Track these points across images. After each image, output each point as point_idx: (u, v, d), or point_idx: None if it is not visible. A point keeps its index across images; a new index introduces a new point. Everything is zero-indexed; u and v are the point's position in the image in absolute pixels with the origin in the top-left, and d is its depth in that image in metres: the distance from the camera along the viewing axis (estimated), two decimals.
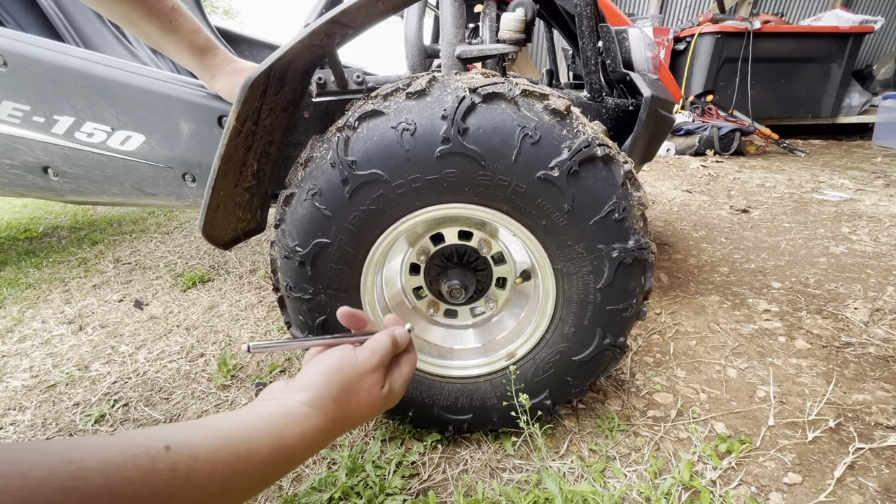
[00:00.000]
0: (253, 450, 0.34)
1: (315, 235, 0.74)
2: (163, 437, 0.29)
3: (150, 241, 2.16)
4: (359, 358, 0.48)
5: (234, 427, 0.35)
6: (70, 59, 0.92)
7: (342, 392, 0.44)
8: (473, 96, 0.67)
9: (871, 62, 5.80)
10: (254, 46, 1.92)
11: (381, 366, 0.49)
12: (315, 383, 0.44)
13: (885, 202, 2.62)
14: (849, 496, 0.81)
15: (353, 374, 0.46)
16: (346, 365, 0.46)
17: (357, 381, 0.46)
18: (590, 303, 0.77)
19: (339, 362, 0.46)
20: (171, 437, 0.30)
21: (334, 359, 0.47)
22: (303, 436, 0.39)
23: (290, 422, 0.39)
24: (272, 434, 0.37)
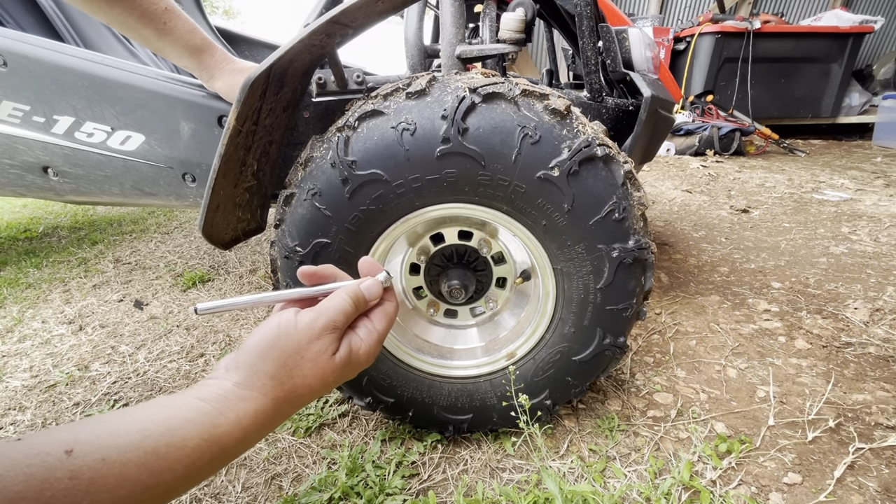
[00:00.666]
0: (175, 445, 0.31)
1: (315, 235, 0.74)
2: (66, 440, 0.27)
3: (150, 241, 2.16)
4: (299, 324, 0.41)
5: (154, 420, 0.32)
6: (70, 59, 0.92)
7: (281, 367, 0.38)
8: (473, 96, 0.67)
9: (871, 62, 5.80)
10: (254, 46, 1.92)
11: (329, 329, 0.42)
12: (249, 360, 0.39)
13: (885, 202, 2.62)
14: (849, 496, 0.81)
15: (292, 343, 0.40)
16: (283, 334, 0.40)
17: (298, 351, 0.39)
18: (590, 303, 0.77)
19: (276, 331, 0.40)
20: (77, 438, 0.27)
21: (270, 328, 0.40)
22: (238, 422, 0.35)
23: (222, 407, 0.35)
24: (201, 424, 0.33)
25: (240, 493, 0.84)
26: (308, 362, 0.40)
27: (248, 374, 0.38)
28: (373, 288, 0.48)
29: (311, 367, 0.40)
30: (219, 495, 0.84)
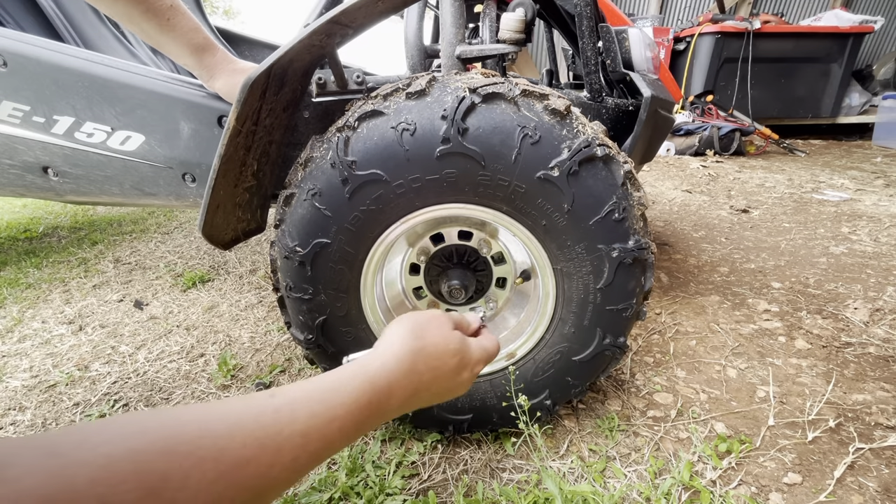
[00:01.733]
0: (343, 384, 0.39)
1: (315, 235, 0.74)
2: (269, 391, 0.35)
3: (150, 241, 2.16)
4: (421, 311, 0.54)
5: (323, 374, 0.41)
6: (70, 59, 0.92)
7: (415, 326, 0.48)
8: (473, 96, 0.67)
9: (871, 62, 5.80)
10: (254, 46, 1.91)
11: (449, 319, 0.53)
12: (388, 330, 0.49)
13: (885, 202, 2.62)
14: (849, 496, 0.81)
15: (423, 317, 0.51)
16: (414, 313, 0.52)
17: (428, 320, 0.50)
18: (590, 303, 0.77)
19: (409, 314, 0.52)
20: (274, 390, 0.36)
21: (405, 314, 0.52)
22: (384, 366, 0.42)
23: (372, 357, 0.44)
24: (358, 368, 0.41)
25: None
26: (434, 327, 0.50)
27: (389, 334, 0.48)
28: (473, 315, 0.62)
29: (437, 329, 0.50)
30: None
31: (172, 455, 0.26)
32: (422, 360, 0.45)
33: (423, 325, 0.49)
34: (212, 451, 0.28)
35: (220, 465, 0.28)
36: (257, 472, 0.30)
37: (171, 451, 0.26)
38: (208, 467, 0.27)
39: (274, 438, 0.32)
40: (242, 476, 0.29)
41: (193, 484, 0.26)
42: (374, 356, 0.44)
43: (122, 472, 0.23)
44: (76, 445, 0.23)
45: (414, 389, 0.44)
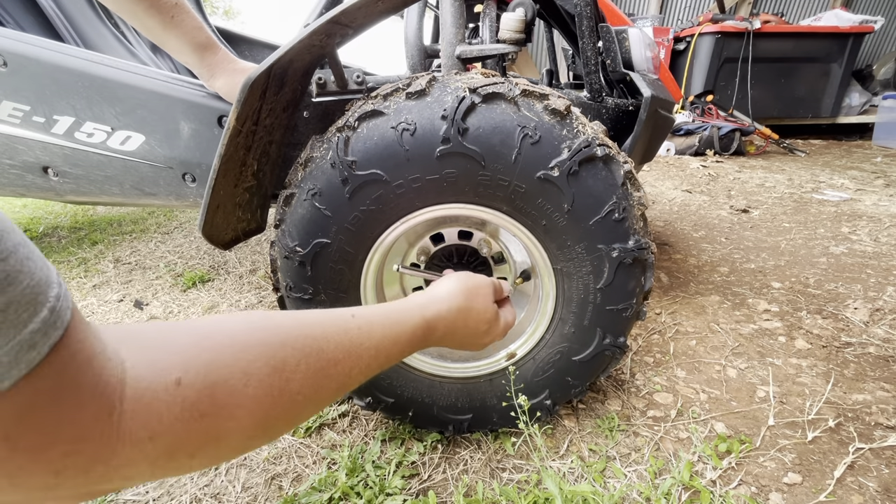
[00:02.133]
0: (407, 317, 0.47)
1: (315, 235, 0.74)
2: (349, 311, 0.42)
3: (150, 241, 2.16)
4: (475, 275, 0.61)
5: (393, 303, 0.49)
6: (70, 59, 0.92)
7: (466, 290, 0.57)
8: (473, 96, 0.67)
9: (871, 62, 5.79)
10: (254, 46, 1.91)
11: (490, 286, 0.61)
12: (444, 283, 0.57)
13: (885, 202, 2.62)
14: (849, 496, 0.81)
15: (472, 281, 0.59)
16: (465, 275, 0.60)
17: (476, 286, 0.58)
18: (590, 303, 0.77)
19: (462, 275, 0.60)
20: (353, 310, 0.43)
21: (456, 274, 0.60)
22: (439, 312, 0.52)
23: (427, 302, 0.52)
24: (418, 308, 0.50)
25: (240, 493, 0.84)
26: (480, 295, 0.58)
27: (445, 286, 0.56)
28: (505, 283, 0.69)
29: (481, 298, 0.58)
30: (219, 495, 0.84)
31: (287, 347, 0.33)
32: (463, 319, 0.55)
33: (474, 292, 0.57)
34: (314, 348, 0.35)
35: (320, 360, 0.35)
36: (343, 371, 0.37)
37: (287, 344, 0.33)
38: (312, 360, 0.35)
39: (356, 348, 0.39)
40: (334, 372, 0.36)
41: (303, 370, 0.34)
42: (432, 301, 0.53)
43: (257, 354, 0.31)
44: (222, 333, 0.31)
45: (450, 336, 0.54)
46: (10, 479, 0.21)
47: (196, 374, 0.27)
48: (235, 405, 0.29)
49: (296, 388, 0.33)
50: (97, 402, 0.23)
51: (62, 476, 0.22)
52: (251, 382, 0.30)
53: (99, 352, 0.24)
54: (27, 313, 0.20)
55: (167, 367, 0.27)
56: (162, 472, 0.27)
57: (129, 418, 0.24)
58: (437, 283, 0.58)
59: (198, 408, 0.27)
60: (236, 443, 0.30)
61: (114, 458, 0.24)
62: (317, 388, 0.35)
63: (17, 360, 0.20)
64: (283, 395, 0.32)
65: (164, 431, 0.25)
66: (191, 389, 0.27)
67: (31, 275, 0.21)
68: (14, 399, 0.20)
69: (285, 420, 0.33)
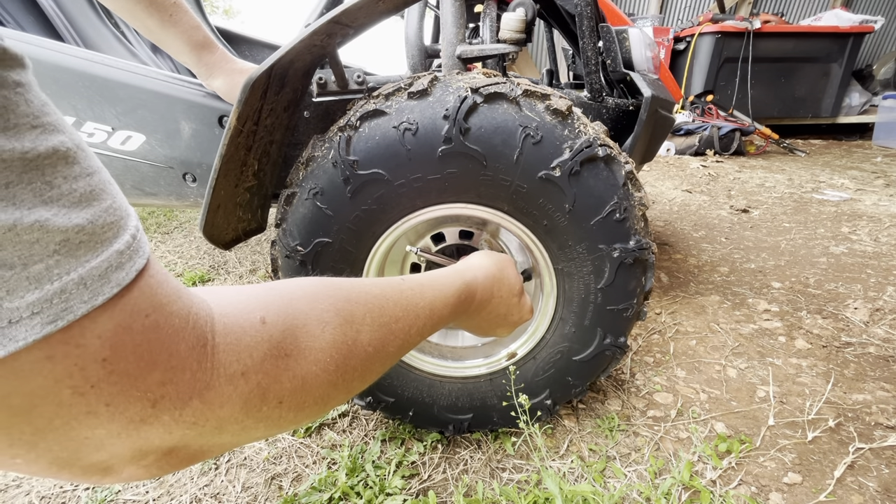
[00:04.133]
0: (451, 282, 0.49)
1: (316, 235, 0.74)
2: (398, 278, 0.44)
3: (151, 241, 2.16)
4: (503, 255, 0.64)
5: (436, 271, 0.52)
6: (70, 59, 0.92)
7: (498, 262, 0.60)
8: (475, 96, 0.67)
9: (871, 62, 5.80)
10: (254, 46, 1.91)
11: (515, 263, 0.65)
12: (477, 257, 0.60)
13: (885, 202, 2.62)
14: (849, 496, 0.81)
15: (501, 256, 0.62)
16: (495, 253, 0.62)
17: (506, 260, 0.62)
18: (590, 303, 0.78)
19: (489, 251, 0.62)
20: (402, 277, 0.45)
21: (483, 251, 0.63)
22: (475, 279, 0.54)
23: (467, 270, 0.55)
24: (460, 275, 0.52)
25: (240, 493, 0.84)
26: (509, 268, 0.61)
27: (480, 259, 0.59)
28: None
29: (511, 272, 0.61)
30: (219, 495, 0.84)
31: (353, 303, 0.35)
32: (498, 288, 0.57)
33: (503, 266, 0.60)
34: (376, 305, 0.37)
35: (383, 315, 0.37)
36: (403, 328, 0.39)
37: (351, 299, 0.35)
38: (376, 314, 0.36)
39: (413, 307, 0.41)
40: (396, 328, 0.38)
41: (369, 322, 0.35)
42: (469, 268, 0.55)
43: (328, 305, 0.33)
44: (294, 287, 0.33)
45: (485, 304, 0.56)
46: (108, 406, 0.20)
47: (277, 316, 0.28)
48: (318, 349, 0.30)
49: (366, 339, 0.34)
50: (191, 331, 0.23)
51: (159, 407, 0.22)
52: (327, 329, 0.31)
53: (184, 289, 0.24)
54: (111, 232, 0.20)
55: (251, 308, 0.27)
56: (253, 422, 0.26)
57: (222, 350, 0.24)
58: (469, 257, 0.61)
59: (283, 347, 0.27)
60: (320, 390, 0.30)
61: (209, 392, 0.23)
62: (383, 342, 0.36)
63: (106, 276, 0.20)
64: (357, 345, 0.33)
65: (256, 368, 0.26)
66: (275, 329, 0.27)
67: (114, 197, 0.21)
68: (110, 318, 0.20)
69: (360, 372, 0.34)
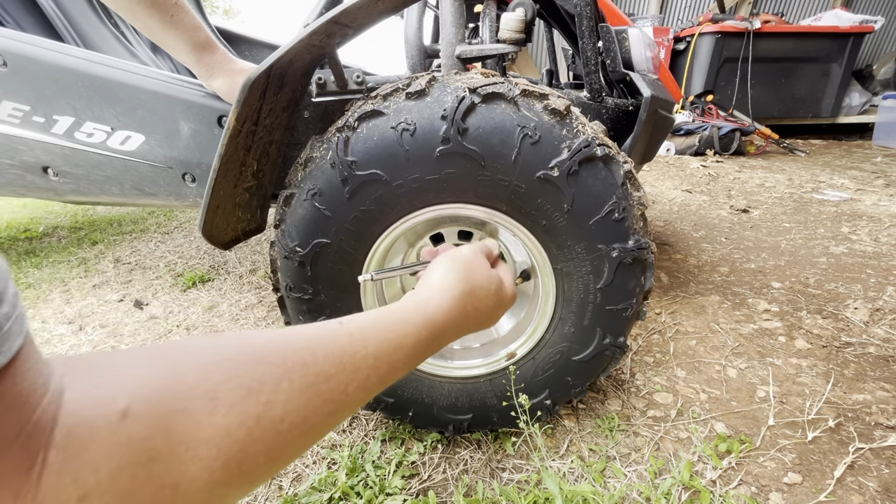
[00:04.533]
0: (407, 318, 0.41)
1: (315, 236, 0.74)
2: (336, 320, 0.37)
3: (150, 241, 2.16)
4: (462, 249, 0.55)
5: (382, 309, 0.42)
6: (70, 59, 0.92)
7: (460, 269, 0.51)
8: (473, 96, 0.67)
9: (871, 62, 5.79)
10: (254, 46, 1.91)
11: (482, 253, 0.56)
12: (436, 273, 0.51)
13: (885, 202, 2.61)
14: (849, 496, 0.81)
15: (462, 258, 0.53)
16: (456, 255, 0.54)
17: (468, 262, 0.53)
18: (590, 303, 0.77)
19: (450, 255, 0.54)
20: (342, 319, 0.38)
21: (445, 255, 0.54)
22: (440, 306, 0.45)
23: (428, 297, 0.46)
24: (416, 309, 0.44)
25: None
26: (477, 269, 0.53)
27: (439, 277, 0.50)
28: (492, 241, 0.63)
29: (480, 273, 0.52)
30: None
31: (264, 364, 0.28)
32: (470, 302, 0.50)
33: (469, 270, 0.52)
34: (298, 363, 0.30)
35: (306, 376, 0.30)
36: (337, 387, 0.32)
37: (263, 360, 0.28)
38: (296, 377, 0.29)
39: (350, 358, 0.34)
40: (325, 389, 0.31)
41: (286, 389, 0.28)
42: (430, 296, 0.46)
43: (224, 373, 0.26)
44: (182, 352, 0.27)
45: (462, 325, 0.49)
46: None
47: (147, 402, 0.22)
48: (200, 440, 0.23)
49: (278, 412, 0.27)
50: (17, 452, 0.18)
51: None
52: (219, 409, 0.24)
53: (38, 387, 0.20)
54: None
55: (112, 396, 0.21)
56: None
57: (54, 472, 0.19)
58: (428, 274, 0.52)
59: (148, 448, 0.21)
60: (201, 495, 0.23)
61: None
62: (307, 410, 0.29)
63: None
64: (263, 423, 0.26)
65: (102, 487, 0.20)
66: (140, 423, 0.21)
67: None
68: None
69: (268, 457, 0.27)
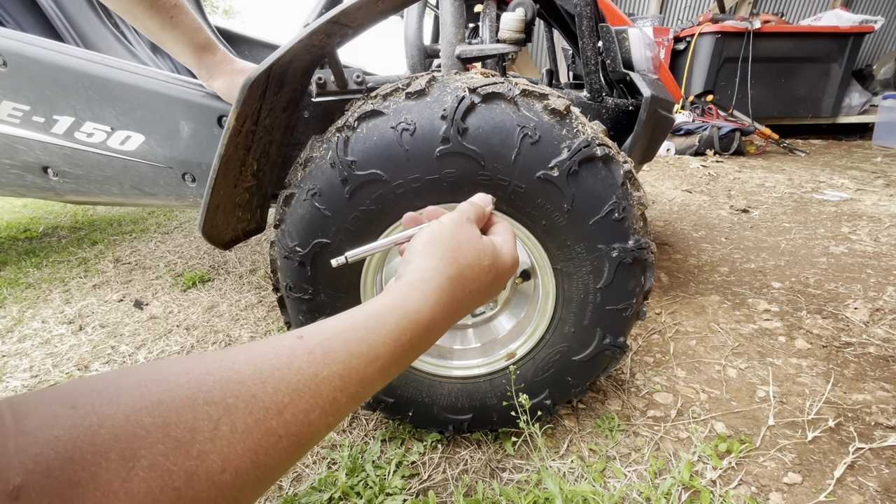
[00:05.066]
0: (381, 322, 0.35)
1: (315, 235, 0.74)
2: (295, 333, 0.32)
3: (150, 241, 2.16)
4: (444, 220, 0.46)
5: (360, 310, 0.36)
6: (70, 59, 0.92)
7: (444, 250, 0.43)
8: (473, 96, 0.67)
9: (871, 62, 5.80)
10: (254, 46, 1.91)
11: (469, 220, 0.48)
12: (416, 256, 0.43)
13: (885, 202, 2.61)
14: (849, 496, 0.81)
15: (446, 232, 0.45)
16: (436, 230, 0.45)
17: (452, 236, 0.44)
18: (590, 303, 0.77)
19: (429, 231, 0.45)
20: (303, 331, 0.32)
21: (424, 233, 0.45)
22: (425, 300, 0.38)
23: (408, 290, 0.39)
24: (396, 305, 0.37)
25: None
26: (464, 244, 0.44)
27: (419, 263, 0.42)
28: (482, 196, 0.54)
29: (468, 247, 0.44)
30: None
31: (198, 404, 0.24)
32: (460, 286, 0.42)
33: (455, 248, 0.43)
34: (242, 398, 0.25)
35: (252, 413, 0.25)
36: (294, 419, 0.27)
37: (198, 400, 0.24)
38: (239, 416, 0.25)
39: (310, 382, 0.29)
40: (278, 423, 0.27)
41: (225, 434, 0.24)
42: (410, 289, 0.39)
43: (145, 424, 0.21)
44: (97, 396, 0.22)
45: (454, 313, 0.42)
46: None
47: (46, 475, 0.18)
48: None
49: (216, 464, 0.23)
50: None
51: None
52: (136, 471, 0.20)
53: None
54: None
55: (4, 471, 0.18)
56: None
57: None
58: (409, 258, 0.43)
59: None
60: None
61: None
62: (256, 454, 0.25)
63: None
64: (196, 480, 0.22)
65: None
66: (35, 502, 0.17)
67: None
68: None
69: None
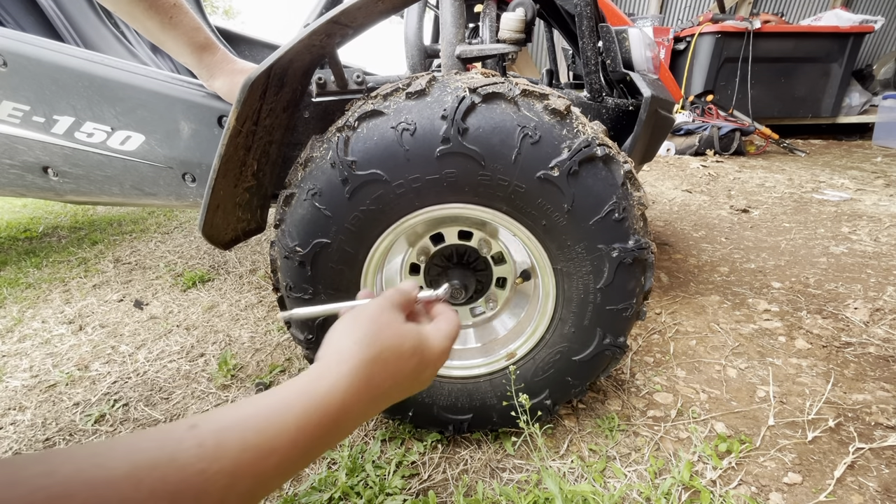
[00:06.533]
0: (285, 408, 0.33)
1: (315, 236, 0.74)
2: (189, 421, 0.30)
3: (150, 241, 2.16)
4: (369, 304, 0.46)
5: (265, 396, 0.34)
6: (70, 59, 0.92)
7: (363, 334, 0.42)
8: (473, 96, 0.67)
9: (871, 62, 5.80)
10: (254, 46, 1.91)
11: (392, 306, 0.47)
12: (333, 338, 0.42)
13: (885, 202, 2.62)
14: (849, 496, 0.81)
15: (366, 316, 0.44)
16: (357, 313, 0.44)
17: (373, 320, 0.43)
18: (590, 303, 0.77)
19: (351, 315, 0.45)
20: (198, 419, 0.30)
21: (347, 316, 0.45)
22: (336, 384, 0.37)
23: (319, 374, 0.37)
24: (303, 390, 0.35)
25: None
26: (385, 327, 0.43)
27: (335, 346, 0.41)
28: (409, 283, 0.54)
29: (389, 331, 0.43)
30: None
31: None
32: (378, 369, 0.40)
33: (374, 331, 0.42)
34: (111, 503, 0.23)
35: None
36: None
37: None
38: None
39: (192, 481, 0.26)
40: None
41: None
42: (324, 371, 0.37)
43: None
44: None
45: (372, 400, 0.40)
46: None
47: None
48: None
49: None
50: None
51: None
52: None
53: None
54: None
55: None
56: None
57: None
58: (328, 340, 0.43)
59: None
60: None
61: None
62: None
63: None
64: None
65: None
66: None
67: None
68: None
69: None
